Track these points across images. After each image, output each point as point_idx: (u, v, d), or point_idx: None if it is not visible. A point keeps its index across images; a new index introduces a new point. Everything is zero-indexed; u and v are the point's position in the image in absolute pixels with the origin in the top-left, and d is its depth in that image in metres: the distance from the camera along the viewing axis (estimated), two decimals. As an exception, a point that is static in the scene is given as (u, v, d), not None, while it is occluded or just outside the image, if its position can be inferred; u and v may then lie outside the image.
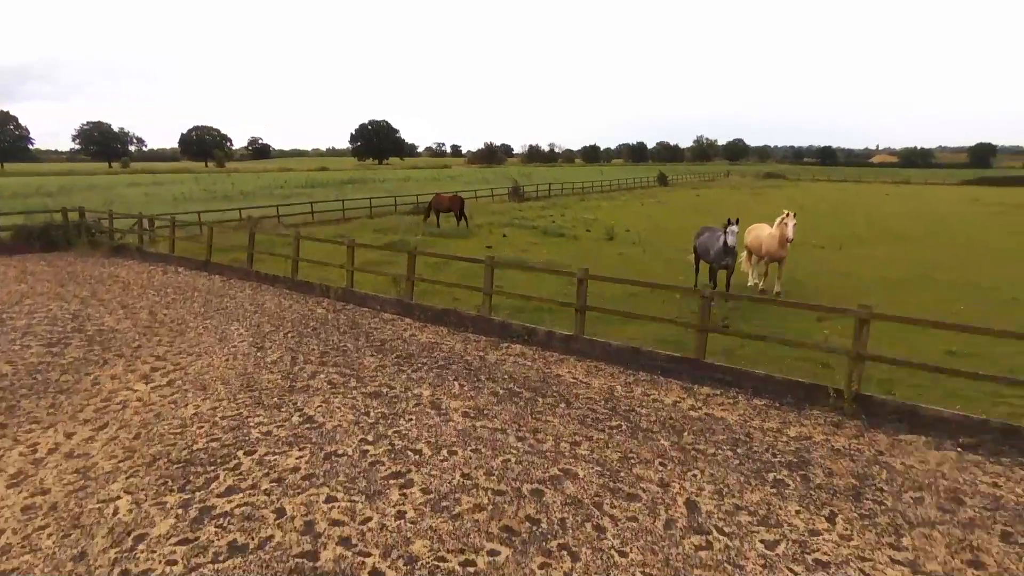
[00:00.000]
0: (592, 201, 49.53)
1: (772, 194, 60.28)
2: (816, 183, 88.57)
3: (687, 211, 41.10)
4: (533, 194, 51.76)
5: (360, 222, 33.25)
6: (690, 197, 55.86)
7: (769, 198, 54.83)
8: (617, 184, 66.05)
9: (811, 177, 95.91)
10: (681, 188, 71.49)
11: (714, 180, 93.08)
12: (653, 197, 54.84)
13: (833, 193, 61.97)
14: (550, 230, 29.52)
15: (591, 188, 60.64)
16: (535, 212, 39.84)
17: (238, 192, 62.92)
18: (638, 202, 49.18)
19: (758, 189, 69.07)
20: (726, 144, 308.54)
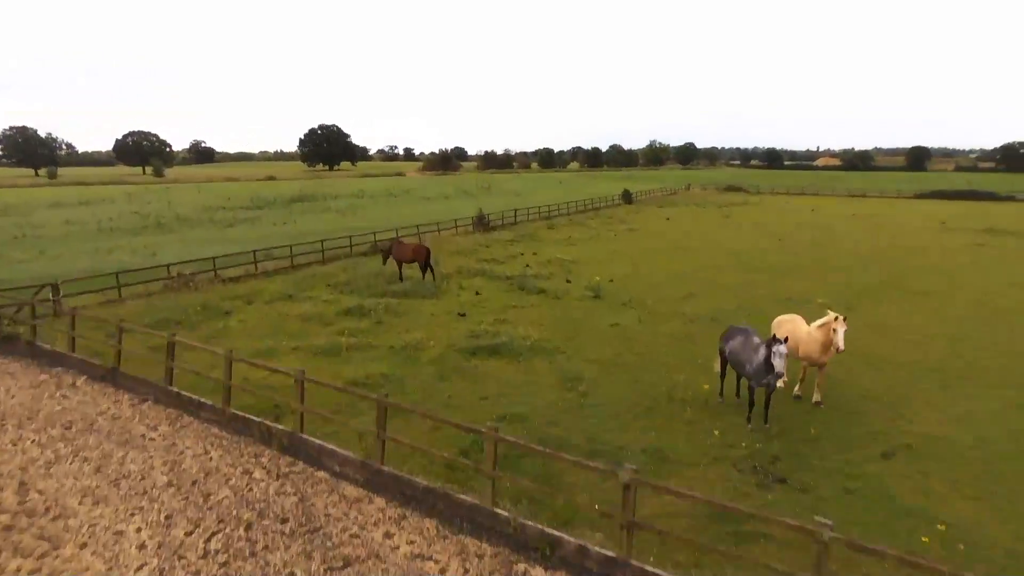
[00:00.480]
0: (562, 231, 46.71)
1: (742, 217, 58.81)
2: (776, 197, 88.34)
3: (667, 249, 38.70)
4: (498, 221, 48.57)
5: (311, 271, 29.36)
6: (660, 222, 53.72)
7: (742, 224, 53.20)
8: (583, 205, 63.54)
9: (770, 189, 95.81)
10: (646, 206, 69.58)
11: (676, 193, 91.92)
12: (623, 223, 52.45)
13: (802, 214, 61.04)
14: (528, 284, 26.38)
15: (556, 212, 57.87)
16: (504, 250, 36.67)
17: (174, 216, 57.59)
18: (609, 231, 46.60)
19: (725, 208, 67.76)
20: (678, 148, 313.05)
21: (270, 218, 57.21)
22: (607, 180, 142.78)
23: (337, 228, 48.43)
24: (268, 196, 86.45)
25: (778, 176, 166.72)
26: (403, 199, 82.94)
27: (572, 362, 16.91)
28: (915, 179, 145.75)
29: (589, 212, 62.58)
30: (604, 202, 68.94)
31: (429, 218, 56.44)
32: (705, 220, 55.20)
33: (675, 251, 36.89)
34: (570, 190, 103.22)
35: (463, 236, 42.18)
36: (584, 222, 52.01)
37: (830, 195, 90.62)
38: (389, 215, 59.05)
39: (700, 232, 46.39)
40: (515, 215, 50.79)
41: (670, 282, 27.91)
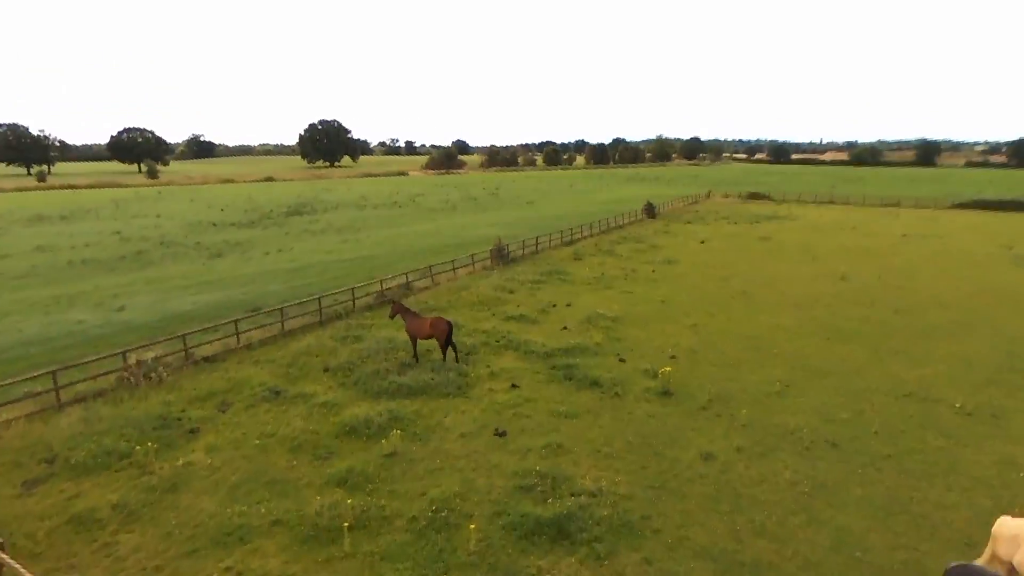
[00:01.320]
0: (590, 262, 41.45)
1: (783, 237, 53.47)
2: (804, 207, 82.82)
3: (720, 295, 33.57)
4: (518, 251, 43.23)
5: (305, 343, 24.10)
6: (697, 248, 48.43)
7: (786, 249, 47.87)
8: (605, 223, 58.09)
9: (796, 197, 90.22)
10: (674, 223, 64.20)
11: (698, 203, 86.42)
12: (655, 248, 47.16)
13: (846, 235, 55.65)
14: (575, 371, 21.11)
15: (578, 234, 52.48)
16: (531, 297, 31.46)
17: (158, 239, 52.33)
18: (645, 262, 41.33)
19: (758, 225, 62.40)
20: (684, 143, 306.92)
21: (264, 241, 51.95)
22: (618, 181, 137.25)
23: (337, 257, 43.19)
24: (264, 206, 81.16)
25: (794, 176, 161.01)
26: (408, 209, 77.59)
27: (675, 558, 11.72)
28: (936, 178, 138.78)
29: (613, 231, 57.24)
30: (626, 217, 63.56)
31: (438, 240, 51.23)
32: (744, 244, 49.85)
33: (731, 299, 31.61)
34: (583, 195, 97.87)
35: (481, 275, 36.89)
36: (612, 248, 46.68)
37: (860, 204, 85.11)
38: (394, 238, 53.76)
39: (746, 264, 41.09)
40: (536, 242, 45.44)
41: (748, 359, 22.71)
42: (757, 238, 52.96)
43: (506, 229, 58.24)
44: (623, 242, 50.37)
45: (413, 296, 31.50)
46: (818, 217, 69.39)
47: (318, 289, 33.76)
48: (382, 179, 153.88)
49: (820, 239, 52.64)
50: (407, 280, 32.43)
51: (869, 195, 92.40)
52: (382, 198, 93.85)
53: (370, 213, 73.65)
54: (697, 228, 59.73)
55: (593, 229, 55.03)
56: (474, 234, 54.91)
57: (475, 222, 64.36)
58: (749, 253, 45.59)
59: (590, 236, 53.41)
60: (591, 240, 51.59)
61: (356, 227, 60.55)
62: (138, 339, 24.09)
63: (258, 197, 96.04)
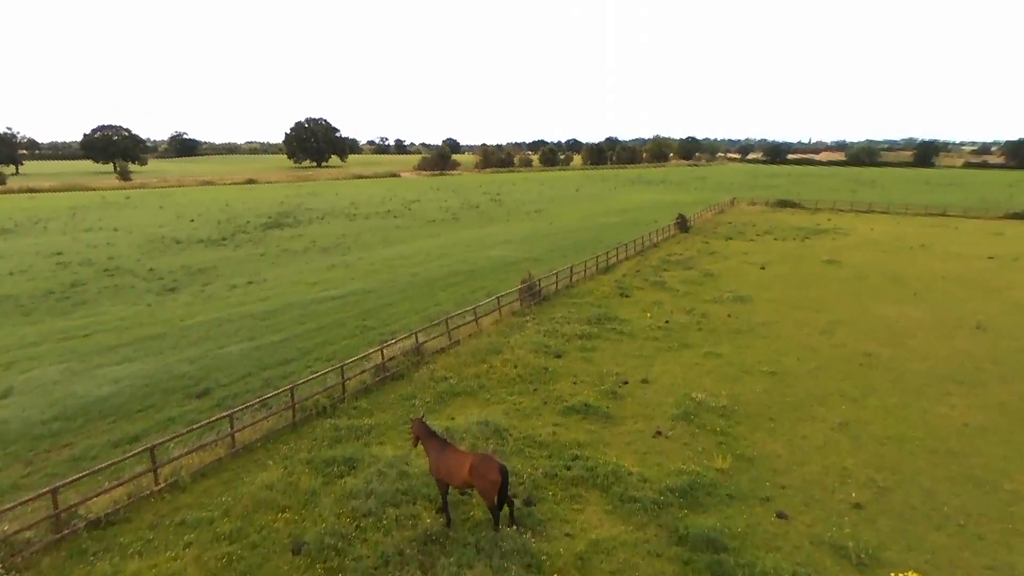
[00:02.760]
0: (643, 301, 32.90)
1: (850, 259, 45.16)
2: (842, 216, 74.73)
3: (846, 361, 25.23)
4: (551, 285, 34.45)
5: (267, 477, 15.24)
6: (759, 276, 40.01)
7: (867, 276, 39.56)
8: (640, 243, 49.41)
9: (830, 205, 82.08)
10: (714, 239, 55.72)
11: (724, 212, 78.07)
12: (711, 277, 38.66)
13: (922, 256, 47.56)
14: (724, 566, 12.45)
15: (614, 258, 43.73)
16: (586, 364, 22.79)
17: (103, 265, 42.98)
18: (713, 303, 32.82)
19: (809, 241, 54.17)
20: (680, 142, 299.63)
21: (233, 267, 42.88)
22: (622, 183, 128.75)
23: (322, 293, 34.26)
24: (241, 215, 71.80)
25: (801, 178, 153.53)
26: (404, 220, 68.55)
27: None
28: (952, 180, 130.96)
29: (649, 251, 48.68)
30: (658, 233, 55.00)
31: (446, 264, 42.36)
32: (813, 271, 41.47)
33: (861, 369, 23.12)
34: (593, 201, 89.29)
35: (512, 325, 28.12)
36: (661, 278, 38.09)
37: (903, 212, 77.17)
38: (392, 261, 44.83)
39: (838, 304, 32.71)
40: (570, 273, 36.71)
41: (972, 504, 14.19)
42: (822, 261, 44.58)
43: (522, 248, 49.58)
44: (669, 268, 41.78)
45: (427, 366, 22.73)
46: (870, 230, 61.26)
47: (294, 349, 24.90)
48: (373, 181, 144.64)
49: (898, 263, 44.36)
50: (417, 342, 23.58)
51: (904, 202, 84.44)
52: (374, 205, 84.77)
53: (361, 225, 64.60)
54: (743, 246, 51.31)
55: (629, 250, 46.37)
56: (486, 256, 46.16)
57: (483, 238, 55.60)
58: (828, 284, 37.20)
59: (626, 259, 44.77)
60: (630, 264, 42.94)
61: (346, 245, 51.53)
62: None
63: (236, 204, 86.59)
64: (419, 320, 28.92)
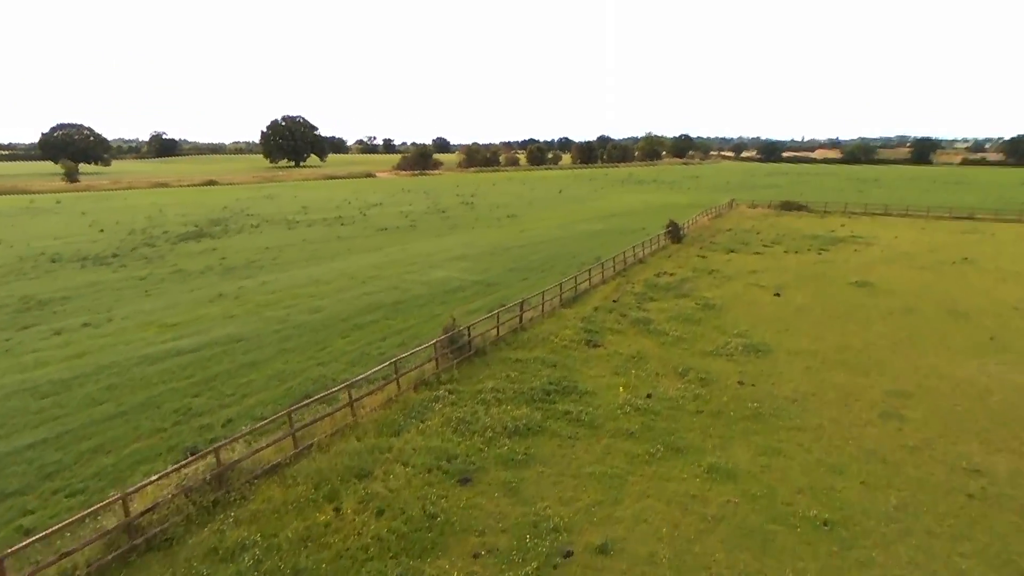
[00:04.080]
0: (618, 346, 23.36)
1: (891, 286, 35.82)
2: (858, 220, 65.39)
3: (947, 490, 15.77)
4: (490, 332, 24.78)
5: None
6: (775, 308, 30.62)
7: (916, 309, 30.22)
8: (624, 258, 39.90)
9: (841, 208, 72.66)
10: (714, 253, 46.31)
11: (722, 216, 68.59)
12: (713, 313, 29.21)
13: (969, 272, 38.34)
14: None
15: (584, 280, 34.26)
16: (515, 510, 13.21)
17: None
18: (716, 356, 23.33)
19: (826, 254, 44.86)
20: (673, 141, 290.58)
21: (80, 304, 33.14)
22: (611, 184, 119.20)
23: (166, 345, 24.47)
24: (165, 224, 61.78)
25: (801, 177, 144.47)
26: (352, 227, 58.78)
27: None
28: (959, 179, 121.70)
29: (633, 269, 39.18)
30: (646, 244, 45.50)
31: (370, 292, 32.64)
32: (843, 299, 32.11)
33: (971, 509, 13.69)
34: (577, 204, 79.72)
35: (408, 412, 18.47)
36: (644, 310, 28.58)
37: (923, 215, 67.93)
38: (297, 289, 35.14)
39: (893, 356, 23.30)
40: (521, 309, 27.07)
41: None
42: (851, 283, 35.18)
43: (477, 267, 39.93)
44: (656, 295, 32.26)
45: (220, 518, 13.08)
46: (894, 239, 51.97)
47: (30, 467, 15.22)
48: (343, 182, 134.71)
49: (946, 285, 35.01)
50: (219, 464, 13.90)
51: (915, 203, 75.16)
52: (329, 210, 74.97)
53: (298, 235, 54.86)
54: (749, 261, 41.87)
55: (607, 269, 36.86)
56: (425, 280, 36.56)
57: (434, 252, 45.99)
58: (868, 321, 27.77)
59: (603, 282, 35.22)
60: (607, 290, 33.40)
61: (260, 263, 41.77)
62: None
63: (172, 209, 76.61)
64: (280, 395, 19.33)
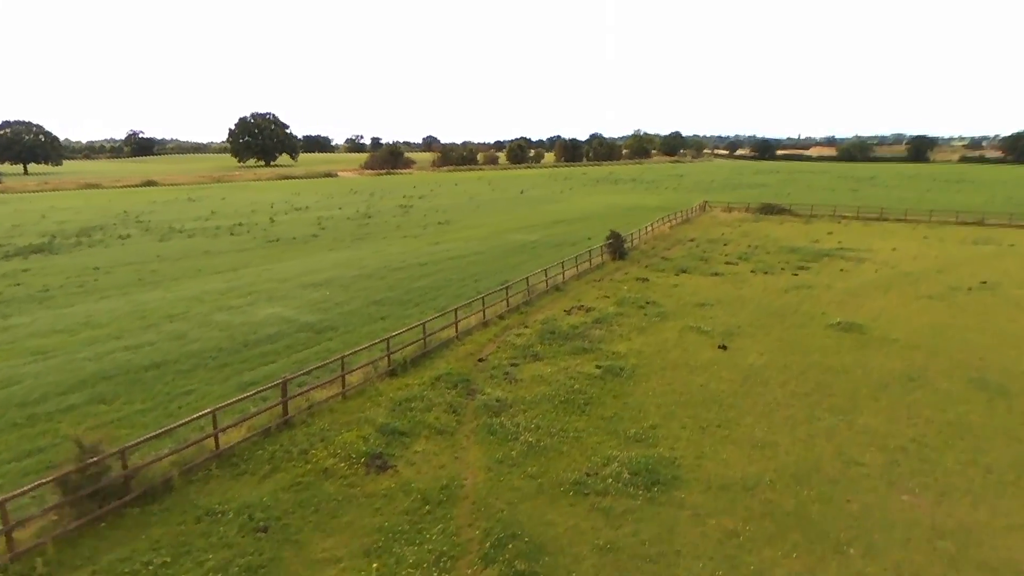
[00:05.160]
0: (406, 475, 13.42)
1: (896, 333, 25.93)
2: (847, 226, 55.53)
3: None
4: (278, 419, 14.80)
5: None
6: (714, 374, 20.83)
7: (919, 368, 20.40)
8: (507, 300, 30.12)
9: (830, 211, 62.71)
10: (658, 273, 36.44)
11: (690, 221, 58.62)
12: (613, 379, 19.28)
13: (999, 307, 28.54)
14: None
15: (467, 315, 24.35)
16: None
17: None
18: (567, 484, 13.41)
19: (803, 273, 35.02)
20: (664, 139, 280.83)
21: None
22: (586, 183, 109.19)
23: None
24: (34, 231, 51.56)
25: (792, 175, 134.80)
26: (235, 241, 48.74)
27: None
28: (961, 177, 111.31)
29: (544, 299, 29.22)
30: (578, 261, 35.58)
31: (192, 339, 22.50)
32: (810, 345, 22.28)
33: None
34: (532, 208, 69.73)
35: None
36: (509, 380, 18.66)
37: (925, 220, 58.13)
38: (64, 337, 25.11)
39: (853, 458, 13.36)
40: (342, 369, 17.01)
41: None
42: (830, 326, 25.22)
43: (331, 298, 29.56)
44: (547, 347, 22.26)
45: None
46: (891, 252, 42.14)
47: None
48: (294, 182, 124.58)
49: (964, 328, 25.09)
50: None
51: (915, 203, 65.22)
52: (242, 214, 64.92)
53: (163, 248, 44.88)
54: (701, 286, 31.95)
55: (492, 306, 26.81)
56: (243, 319, 26.49)
57: (301, 273, 36.00)
58: (849, 404, 17.85)
59: (482, 325, 25.14)
60: (481, 338, 23.38)
61: (51, 295, 31.61)
62: None
63: (63, 213, 66.50)
64: None
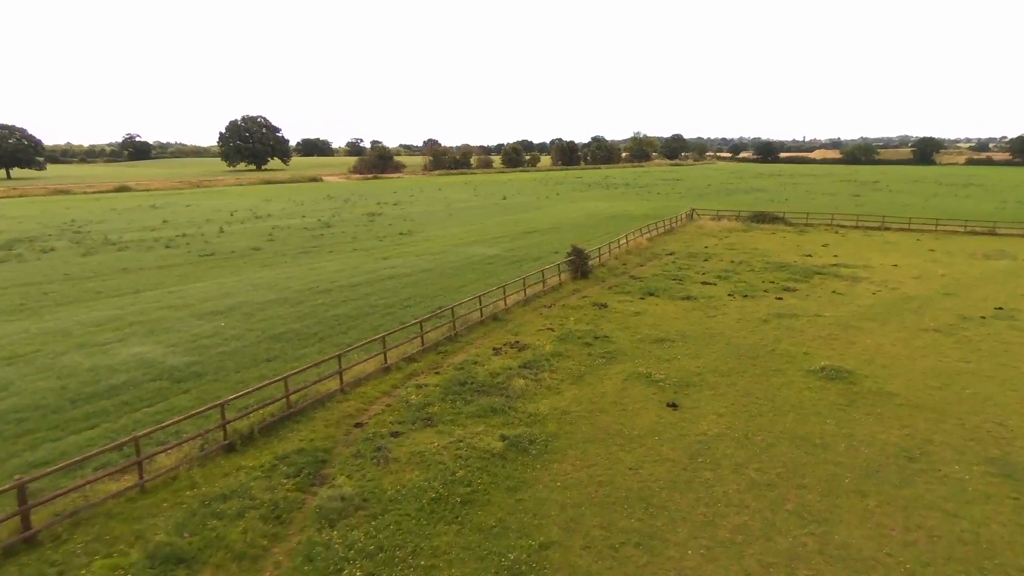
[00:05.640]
0: None
1: (878, 360, 21.29)
2: (846, 236, 50.77)
3: None
4: None
5: None
6: (649, 443, 16.02)
7: (924, 440, 15.62)
8: (423, 337, 25.57)
9: (827, 219, 57.87)
10: (621, 296, 31.82)
11: (673, 231, 53.94)
12: (520, 447, 14.64)
13: (1016, 349, 23.84)
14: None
15: (338, 383, 19.84)
16: None
17: None
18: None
19: (790, 299, 30.30)
20: (664, 141, 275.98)
21: None
22: (577, 189, 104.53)
23: None
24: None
25: (793, 179, 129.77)
26: (179, 252, 44.29)
27: None
28: (969, 179, 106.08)
29: (475, 332, 24.56)
30: (533, 281, 30.93)
31: None
32: (784, 402, 17.56)
33: None
34: (508, 214, 65.12)
35: None
36: (397, 457, 14.09)
37: (931, 229, 53.28)
38: None
39: None
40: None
41: None
42: (813, 372, 20.49)
43: (224, 330, 24.87)
44: (453, 401, 17.66)
45: None
46: (892, 269, 37.37)
47: None
48: (275, 187, 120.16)
49: (974, 372, 20.31)
50: None
51: (928, 214, 60.26)
52: (194, 224, 60.54)
53: (89, 263, 40.53)
54: (666, 315, 27.25)
55: (412, 343, 22.18)
56: (112, 360, 21.90)
57: (206, 298, 31.48)
58: (828, 502, 13.10)
59: (384, 371, 20.52)
60: (371, 391, 18.76)
61: None
62: None
63: (6, 223, 62.24)
64: None
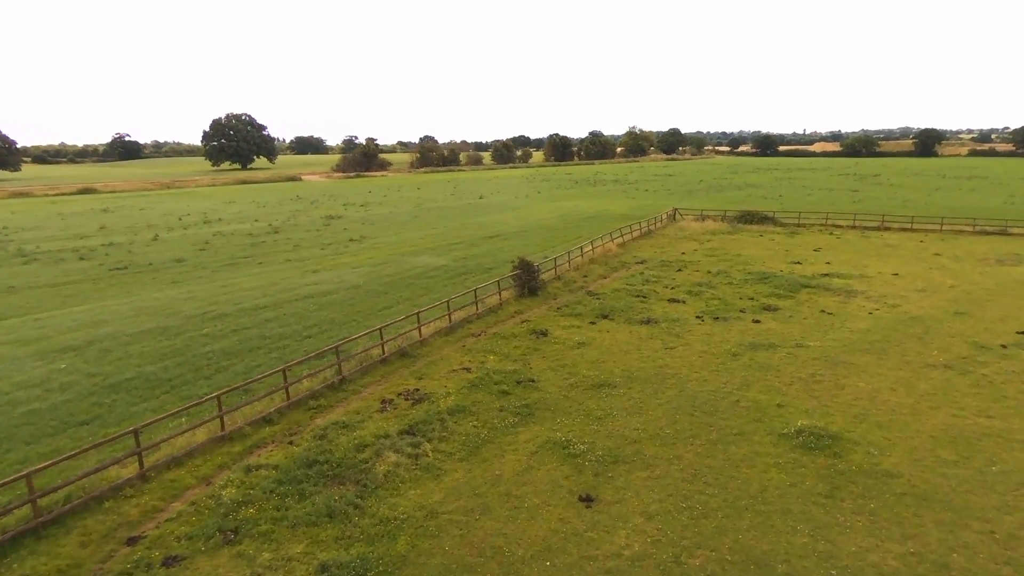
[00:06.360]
0: None
1: (875, 420, 16.30)
2: (841, 238, 45.67)
3: None
4: None
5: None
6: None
7: None
8: (273, 400, 20.62)
9: (822, 219, 52.82)
10: (568, 319, 26.83)
11: (651, 233, 48.85)
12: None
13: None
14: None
15: (169, 453, 14.91)
16: None
17: None
18: None
19: (771, 322, 25.28)
20: (661, 135, 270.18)
21: None
22: (561, 187, 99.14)
23: None
24: None
25: (790, 173, 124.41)
26: (92, 264, 39.35)
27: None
28: (974, 171, 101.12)
29: (371, 373, 19.51)
30: (465, 303, 25.86)
31: None
32: (743, 495, 12.53)
33: None
34: (479, 214, 60.03)
35: None
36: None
37: (936, 229, 48.16)
38: None
39: None
40: None
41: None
42: (787, 436, 15.49)
43: (79, 374, 19.94)
44: (276, 511, 12.57)
45: None
46: (893, 279, 32.26)
47: None
48: (246, 188, 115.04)
49: (999, 432, 15.21)
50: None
51: (932, 212, 55.02)
52: (132, 231, 55.60)
53: (19, 272, 35.47)
54: (616, 346, 22.22)
55: (273, 396, 17.12)
56: None
57: (96, 320, 26.46)
58: None
59: (219, 441, 15.47)
60: (213, 462, 13.74)
61: None
62: None
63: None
64: None
